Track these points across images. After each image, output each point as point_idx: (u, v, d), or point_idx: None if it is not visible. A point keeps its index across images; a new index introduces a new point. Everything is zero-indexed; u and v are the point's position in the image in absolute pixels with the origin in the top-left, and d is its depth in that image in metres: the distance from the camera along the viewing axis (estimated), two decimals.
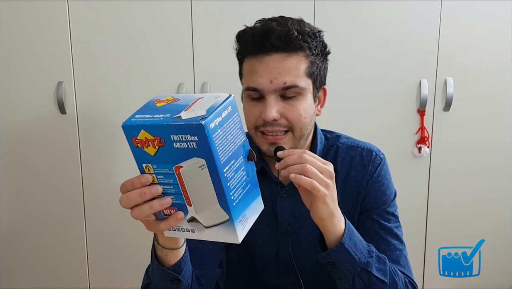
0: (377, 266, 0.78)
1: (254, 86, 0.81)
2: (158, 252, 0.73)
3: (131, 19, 1.53)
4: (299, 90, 0.80)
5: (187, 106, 0.56)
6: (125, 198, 0.60)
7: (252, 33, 0.81)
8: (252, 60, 0.81)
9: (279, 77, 0.79)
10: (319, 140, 0.92)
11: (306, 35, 0.80)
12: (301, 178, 0.70)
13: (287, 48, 0.79)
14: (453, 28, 1.53)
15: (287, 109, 0.81)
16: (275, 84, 0.79)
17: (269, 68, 0.79)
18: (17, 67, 1.55)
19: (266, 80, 0.79)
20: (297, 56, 0.80)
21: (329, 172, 0.73)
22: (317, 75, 0.84)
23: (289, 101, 0.81)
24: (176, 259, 0.73)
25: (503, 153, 1.62)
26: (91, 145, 1.61)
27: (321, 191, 0.70)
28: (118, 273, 1.70)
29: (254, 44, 0.80)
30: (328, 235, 0.75)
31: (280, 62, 0.79)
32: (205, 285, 0.88)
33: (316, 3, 1.50)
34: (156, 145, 0.55)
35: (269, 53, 0.79)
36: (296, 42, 0.79)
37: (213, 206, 0.59)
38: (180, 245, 0.73)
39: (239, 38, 0.85)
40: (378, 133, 1.57)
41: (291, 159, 0.73)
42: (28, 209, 1.67)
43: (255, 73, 0.80)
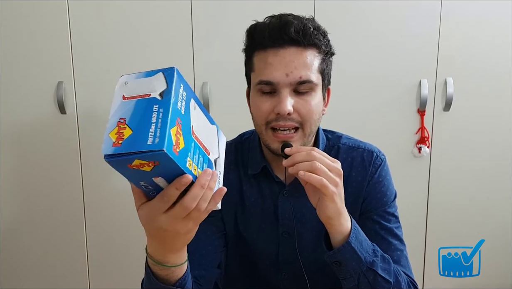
0: (382, 266, 0.78)
1: (268, 79, 0.79)
2: (161, 272, 0.68)
3: (131, 19, 1.52)
4: (312, 86, 0.80)
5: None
6: (191, 198, 0.56)
7: (268, 26, 0.80)
8: (266, 54, 0.80)
9: (295, 71, 0.78)
10: (321, 141, 0.92)
11: (320, 32, 0.81)
12: (311, 176, 0.70)
13: (303, 42, 0.79)
14: (453, 28, 1.53)
15: (300, 104, 0.80)
16: (290, 78, 0.78)
17: (285, 62, 0.78)
18: (17, 67, 1.55)
19: (281, 73, 0.78)
20: (312, 52, 0.80)
21: (337, 170, 0.73)
22: (326, 73, 0.85)
23: (302, 96, 0.80)
24: (181, 273, 0.70)
25: (503, 152, 1.62)
26: (91, 144, 1.61)
27: (330, 189, 0.70)
28: (118, 273, 1.70)
29: (270, 37, 0.79)
30: (335, 234, 0.75)
31: (296, 56, 0.79)
32: (204, 286, 0.87)
33: (316, 3, 1.50)
34: (180, 131, 0.55)
35: (285, 47, 0.79)
36: (313, 36, 0.79)
37: (212, 133, 0.64)
38: (187, 258, 0.70)
39: (251, 31, 0.83)
40: (378, 133, 1.57)
41: (299, 156, 0.73)
42: (28, 209, 1.67)
43: (270, 66, 0.79)
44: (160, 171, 0.53)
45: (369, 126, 1.58)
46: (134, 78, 0.58)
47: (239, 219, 0.94)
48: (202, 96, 1.55)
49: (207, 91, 1.54)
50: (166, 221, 0.58)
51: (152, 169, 0.52)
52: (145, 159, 0.51)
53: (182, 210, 0.57)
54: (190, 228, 0.61)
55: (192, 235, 0.63)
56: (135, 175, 0.54)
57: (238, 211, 0.94)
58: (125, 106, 0.55)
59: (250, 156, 0.93)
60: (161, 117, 0.53)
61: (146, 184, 0.56)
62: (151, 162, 0.52)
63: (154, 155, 0.51)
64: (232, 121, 1.52)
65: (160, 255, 0.67)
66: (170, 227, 0.59)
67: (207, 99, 1.54)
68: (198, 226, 0.62)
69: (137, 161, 0.51)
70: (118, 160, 0.51)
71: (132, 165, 0.52)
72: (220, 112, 1.58)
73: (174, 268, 0.68)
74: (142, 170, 0.53)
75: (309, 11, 1.49)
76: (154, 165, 0.52)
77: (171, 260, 0.67)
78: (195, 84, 1.56)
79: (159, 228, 0.59)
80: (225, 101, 1.57)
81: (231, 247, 0.97)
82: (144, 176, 0.54)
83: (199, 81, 1.55)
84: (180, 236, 0.61)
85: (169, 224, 0.58)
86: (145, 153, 0.50)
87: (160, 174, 0.54)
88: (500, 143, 1.62)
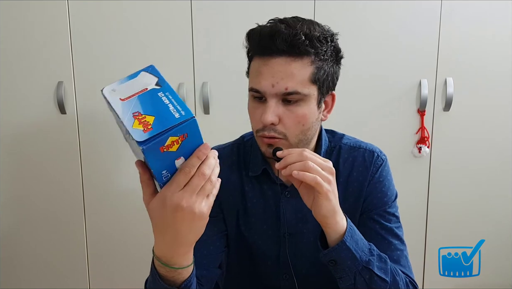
0: (378, 265, 0.78)
1: (256, 88, 0.81)
2: (168, 274, 0.68)
3: (131, 19, 1.52)
4: (301, 97, 0.80)
5: None
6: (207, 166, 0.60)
7: (259, 34, 0.80)
8: (259, 61, 0.81)
9: (281, 82, 0.78)
10: (323, 142, 0.92)
11: (315, 39, 0.79)
12: (305, 174, 0.71)
13: (292, 52, 0.78)
14: (453, 28, 1.53)
15: (286, 114, 0.80)
16: (276, 89, 0.79)
17: (272, 72, 0.78)
18: (17, 67, 1.55)
19: (268, 83, 0.79)
20: (302, 62, 0.79)
21: (329, 168, 0.74)
22: (324, 80, 0.82)
23: (290, 106, 0.80)
24: (188, 275, 0.70)
25: (503, 152, 1.62)
26: (91, 145, 1.61)
27: (324, 187, 0.71)
28: (118, 273, 1.70)
29: (260, 45, 0.80)
30: (330, 233, 0.76)
31: (284, 66, 0.78)
32: (205, 286, 0.88)
33: (316, 3, 1.50)
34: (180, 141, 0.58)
35: (274, 56, 0.79)
36: (302, 47, 0.78)
37: None
38: (193, 260, 0.70)
39: (249, 36, 0.84)
40: (378, 133, 1.57)
41: (291, 157, 0.73)
42: (28, 209, 1.66)
43: (260, 75, 0.80)
44: (185, 147, 0.58)
45: (369, 126, 1.58)
46: (119, 84, 0.61)
47: (241, 220, 0.94)
48: (202, 96, 1.55)
49: (207, 91, 1.54)
50: (182, 196, 0.59)
51: (179, 146, 0.57)
52: (177, 134, 0.56)
53: (199, 180, 0.59)
54: (203, 211, 0.61)
55: (203, 224, 0.63)
56: (162, 161, 0.58)
57: (240, 211, 0.94)
58: (130, 104, 0.58)
59: (251, 157, 0.94)
60: (171, 98, 0.58)
61: (167, 172, 0.59)
62: (181, 136, 0.56)
63: (187, 124, 0.56)
64: (232, 121, 1.52)
65: (168, 255, 0.66)
66: (186, 203, 0.59)
67: (207, 99, 1.54)
68: (208, 215, 0.63)
69: (170, 138, 0.56)
70: (154, 142, 0.55)
71: (164, 145, 0.56)
72: (220, 112, 1.58)
73: (181, 270, 0.68)
74: (170, 150, 0.57)
75: (309, 11, 1.50)
76: (182, 140, 0.57)
77: (179, 261, 0.67)
78: (195, 84, 1.56)
79: (176, 208, 0.59)
80: (225, 101, 1.57)
81: (232, 248, 0.97)
82: (169, 160, 0.58)
83: (199, 81, 1.55)
84: (195, 220, 0.61)
85: (186, 199, 0.59)
86: (178, 125, 0.56)
87: (183, 153, 0.58)
88: (500, 143, 1.62)
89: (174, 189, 0.59)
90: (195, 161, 0.59)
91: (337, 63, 0.85)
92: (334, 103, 0.89)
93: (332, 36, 0.83)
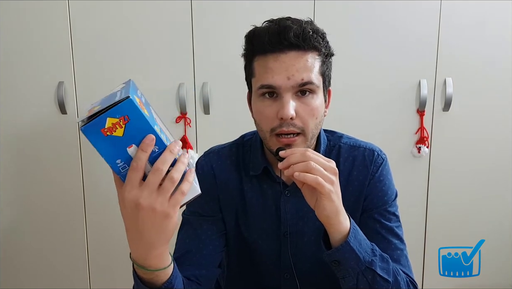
0: (380, 265, 0.78)
1: (269, 83, 0.80)
2: (146, 276, 0.68)
3: (131, 19, 1.53)
4: (314, 88, 0.81)
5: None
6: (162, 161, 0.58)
7: (268, 32, 0.80)
8: (266, 59, 0.80)
9: (297, 74, 0.79)
10: (322, 141, 0.92)
11: (319, 35, 0.82)
12: (306, 175, 0.70)
13: (303, 45, 0.79)
14: (452, 28, 1.53)
15: (301, 108, 0.80)
16: (292, 81, 0.79)
17: (286, 66, 0.79)
18: (18, 67, 1.56)
19: (283, 77, 0.79)
20: (312, 54, 0.81)
21: (332, 169, 0.73)
22: (327, 75, 0.85)
23: (303, 99, 0.81)
24: (166, 277, 0.69)
25: (503, 152, 1.63)
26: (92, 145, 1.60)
27: (326, 187, 0.71)
28: (118, 273, 1.70)
29: (270, 42, 0.79)
30: (334, 233, 0.75)
31: (297, 59, 0.79)
32: (204, 285, 0.88)
33: (316, 3, 1.50)
34: (143, 105, 0.58)
35: (285, 51, 0.79)
36: (312, 40, 0.80)
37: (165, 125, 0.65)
38: (170, 262, 0.69)
39: (250, 37, 0.84)
40: (378, 133, 1.57)
41: (294, 157, 0.73)
42: (28, 208, 1.67)
43: (271, 71, 0.79)
44: (132, 132, 0.56)
45: (368, 126, 1.58)
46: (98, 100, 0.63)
47: (240, 220, 0.94)
48: (202, 96, 1.55)
49: (207, 91, 1.54)
50: (140, 194, 0.58)
51: (124, 131, 0.56)
52: (115, 115, 0.55)
53: (154, 176, 0.58)
54: (167, 210, 0.59)
55: (171, 224, 0.61)
56: (111, 148, 0.57)
57: (239, 211, 0.94)
58: (90, 106, 0.60)
59: (252, 157, 0.94)
60: (123, 90, 0.59)
61: (122, 162, 0.58)
62: (121, 118, 0.55)
63: (123, 105, 0.55)
64: (232, 121, 1.53)
65: (142, 257, 0.65)
66: (145, 202, 0.58)
67: (207, 99, 1.55)
68: (176, 213, 0.61)
69: (109, 120, 0.55)
70: (92, 123, 0.55)
71: (105, 128, 0.55)
72: (220, 112, 1.58)
73: (158, 272, 0.67)
74: (115, 135, 0.56)
75: (309, 11, 1.50)
76: (125, 123, 0.55)
77: (153, 264, 0.66)
78: (195, 84, 1.56)
79: (135, 207, 0.59)
80: (225, 101, 1.57)
81: (232, 247, 0.97)
82: (119, 147, 0.57)
83: (199, 81, 1.56)
84: (157, 219, 0.60)
85: (144, 197, 0.58)
86: (114, 106, 0.55)
87: (133, 140, 0.57)
88: (500, 143, 1.62)
89: (129, 188, 0.58)
90: (140, 154, 0.57)
91: (330, 59, 0.87)
92: (330, 99, 0.90)
93: (324, 34, 0.85)
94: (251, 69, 0.85)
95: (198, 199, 0.65)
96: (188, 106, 1.57)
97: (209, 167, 0.94)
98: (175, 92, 1.56)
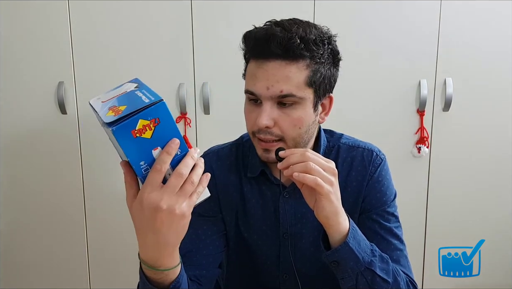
0: (380, 266, 0.78)
1: (252, 90, 0.80)
2: (155, 276, 0.68)
3: (131, 19, 1.53)
4: (296, 100, 0.79)
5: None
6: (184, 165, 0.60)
7: (254, 37, 0.79)
8: (254, 64, 0.81)
9: (276, 85, 0.77)
10: (322, 142, 0.92)
11: (310, 43, 0.77)
12: (305, 176, 0.71)
13: (287, 56, 0.77)
14: (453, 28, 1.53)
15: (281, 117, 0.80)
16: (271, 92, 0.78)
17: (267, 75, 0.78)
18: (18, 67, 1.56)
19: (263, 86, 0.78)
20: (297, 65, 0.78)
21: (332, 169, 0.73)
22: (321, 83, 0.81)
23: (285, 109, 0.80)
24: (175, 276, 0.70)
25: (503, 152, 1.62)
26: (92, 145, 1.61)
27: (325, 188, 0.71)
28: (118, 273, 1.70)
29: (255, 48, 0.80)
30: (333, 234, 0.75)
31: (279, 69, 0.77)
32: (204, 285, 0.88)
33: (316, 3, 1.50)
34: (152, 126, 0.58)
35: (269, 60, 0.78)
36: (297, 50, 0.77)
37: None
38: (179, 261, 0.70)
39: (245, 39, 0.83)
40: (378, 133, 1.57)
41: (293, 157, 0.73)
42: (28, 209, 1.67)
43: (255, 78, 0.80)
44: (160, 135, 0.58)
45: (368, 126, 1.58)
46: (104, 93, 0.64)
47: (240, 220, 0.94)
48: (202, 96, 1.55)
49: (207, 91, 1.54)
50: (161, 197, 0.59)
51: (152, 133, 0.57)
52: (147, 117, 0.56)
53: (176, 180, 0.59)
54: (184, 211, 0.60)
55: (185, 224, 0.62)
56: (138, 150, 0.58)
57: (239, 212, 0.94)
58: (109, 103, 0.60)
59: (250, 158, 0.94)
60: (146, 92, 0.60)
61: (145, 164, 0.59)
62: (152, 121, 0.56)
63: (156, 107, 0.56)
64: (232, 121, 1.52)
65: (153, 258, 0.66)
66: (165, 204, 0.59)
67: (207, 99, 1.55)
68: (190, 214, 0.62)
69: (141, 122, 0.56)
70: (123, 124, 0.55)
71: (136, 129, 0.56)
72: (220, 112, 1.58)
73: (168, 271, 0.68)
74: (143, 137, 0.57)
75: (309, 11, 1.50)
76: (155, 126, 0.57)
77: (164, 263, 0.67)
78: (195, 84, 1.56)
79: (155, 209, 0.59)
80: (225, 101, 1.57)
81: (232, 248, 0.97)
82: (145, 149, 0.58)
83: (199, 81, 1.56)
84: (175, 220, 0.60)
85: (164, 199, 0.59)
86: (147, 108, 0.55)
87: (159, 142, 0.58)
88: (500, 143, 1.62)
89: (149, 189, 0.59)
90: (165, 157, 0.59)
91: (334, 66, 0.84)
92: (331, 106, 0.88)
93: (329, 39, 0.81)
94: (245, 70, 0.86)
95: None
96: (188, 107, 1.57)
97: (209, 167, 0.94)
98: (175, 92, 1.56)
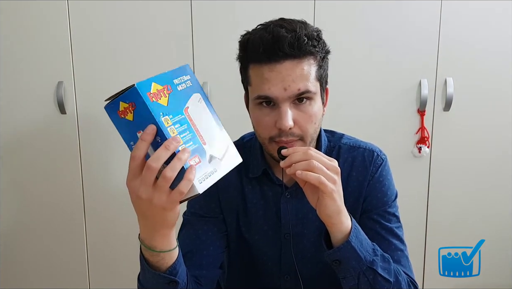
0: (382, 265, 0.78)
1: (266, 94, 0.78)
2: (152, 258, 0.71)
3: (131, 19, 1.53)
4: (311, 95, 0.79)
5: None
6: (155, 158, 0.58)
7: (261, 42, 0.77)
8: (262, 68, 0.78)
9: (293, 84, 0.77)
10: (322, 142, 0.92)
11: (313, 39, 0.79)
12: (308, 174, 0.70)
13: (298, 54, 0.77)
14: (453, 28, 1.53)
15: (300, 116, 0.79)
16: (289, 92, 0.77)
17: (282, 76, 0.77)
18: (17, 67, 1.55)
19: (279, 88, 0.77)
20: (307, 62, 0.79)
21: (335, 168, 0.73)
22: (323, 77, 0.83)
23: (301, 107, 0.79)
24: (171, 261, 0.72)
25: (503, 152, 1.62)
26: (91, 144, 1.61)
27: (328, 186, 0.71)
28: (118, 273, 1.70)
29: (265, 53, 0.77)
30: (335, 233, 0.75)
31: (293, 69, 0.77)
32: (205, 286, 0.88)
33: (316, 3, 1.50)
34: (166, 93, 0.61)
35: (280, 61, 0.77)
36: (307, 47, 0.77)
37: (218, 134, 0.69)
38: (175, 246, 0.72)
39: (244, 45, 0.82)
40: (378, 133, 1.57)
41: (296, 156, 0.73)
42: (28, 209, 1.67)
43: (267, 82, 0.78)
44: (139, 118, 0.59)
45: (369, 126, 1.57)
46: None
47: (241, 221, 0.94)
48: None
49: (207, 91, 1.54)
50: (139, 187, 0.60)
51: (133, 116, 0.59)
52: (125, 100, 0.59)
53: (148, 173, 0.59)
54: (165, 205, 0.61)
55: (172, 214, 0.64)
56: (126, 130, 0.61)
57: (240, 212, 0.94)
58: None
59: (251, 158, 0.93)
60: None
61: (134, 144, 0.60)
62: (130, 104, 0.59)
63: (129, 92, 0.59)
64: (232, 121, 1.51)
65: (148, 237, 0.69)
66: (144, 195, 0.60)
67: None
68: (176, 207, 0.63)
69: (121, 104, 0.59)
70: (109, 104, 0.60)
71: (120, 110, 0.60)
72: (220, 112, 1.56)
73: (164, 253, 0.70)
74: (127, 118, 0.60)
75: (309, 11, 1.49)
76: (133, 109, 0.59)
77: (159, 245, 0.69)
78: None
79: (136, 197, 0.61)
80: (225, 101, 1.56)
81: (233, 248, 0.97)
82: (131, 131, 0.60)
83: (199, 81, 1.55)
84: (157, 211, 0.62)
85: (142, 190, 0.60)
86: (125, 91, 0.59)
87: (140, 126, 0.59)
88: (500, 143, 1.62)
89: (130, 176, 0.61)
90: (140, 143, 0.59)
91: (326, 58, 0.85)
92: (328, 97, 0.89)
93: (319, 33, 0.83)
94: (247, 76, 0.84)
95: (199, 199, 0.66)
96: None
97: None
98: None
